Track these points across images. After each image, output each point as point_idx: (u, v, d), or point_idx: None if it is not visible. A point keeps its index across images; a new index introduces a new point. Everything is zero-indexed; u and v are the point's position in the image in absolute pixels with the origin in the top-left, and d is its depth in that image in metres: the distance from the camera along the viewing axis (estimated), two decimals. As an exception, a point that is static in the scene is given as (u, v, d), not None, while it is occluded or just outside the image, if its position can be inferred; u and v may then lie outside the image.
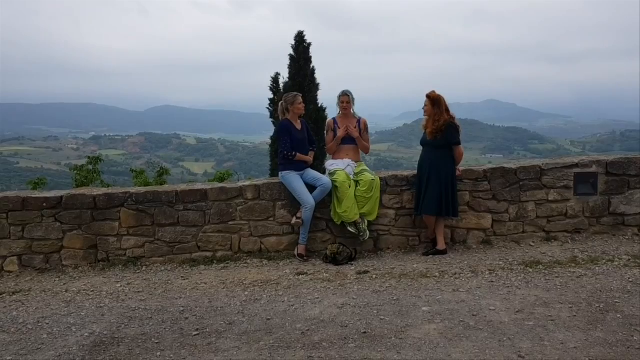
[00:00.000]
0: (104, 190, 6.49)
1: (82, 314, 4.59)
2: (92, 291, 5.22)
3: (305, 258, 5.99)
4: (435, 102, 5.92)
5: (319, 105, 18.57)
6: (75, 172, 12.67)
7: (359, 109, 6.50)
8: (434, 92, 5.97)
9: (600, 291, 4.61)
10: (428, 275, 5.24)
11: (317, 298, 4.72)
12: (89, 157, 13.04)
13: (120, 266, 5.98)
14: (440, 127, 5.87)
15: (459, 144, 5.96)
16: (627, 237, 6.30)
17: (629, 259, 5.48)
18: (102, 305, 4.80)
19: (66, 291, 5.26)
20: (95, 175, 12.43)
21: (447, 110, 5.97)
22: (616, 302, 4.35)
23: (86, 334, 4.13)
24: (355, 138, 6.33)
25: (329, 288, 5.00)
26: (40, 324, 4.37)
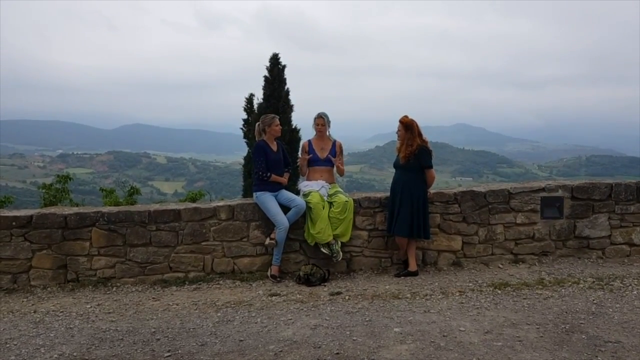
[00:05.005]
0: (75, 209, 6.42)
1: (51, 335, 4.51)
2: (61, 312, 5.13)
3: (278, 279, 6.01)
4: (407, 127, 6.06)
5: (293, 127, 18.68)
6: (44, 190, 12.40)
7: (331, 131, 6.60)
8: (406, 117, 6.11)
9: (566, 312, 4.74)
10: (400, 297, 5.30)
11: (290, 319, 4.74)
12: (58, 176, 12.76)
13: (90, 287, 5.90)
14: (413, 151, 6.01)
15: (431, 167, 6.10)
16: (591, 260, 6.49)
17: (594, 281, 5.65)
18: (71, 326, 4.73)
19: (34, 312, 5.16)
20: (64, 194, 12.17)
21: (420, 135, 6.11)
22: (581, 323, 4.48)
23: (55, 356, 4.06)
24: (324, 159, 6.41)
25: (302, 309, 5.02)
26: (8, 345, 4.27)
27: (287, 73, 19.69)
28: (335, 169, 6.53)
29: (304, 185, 6.39)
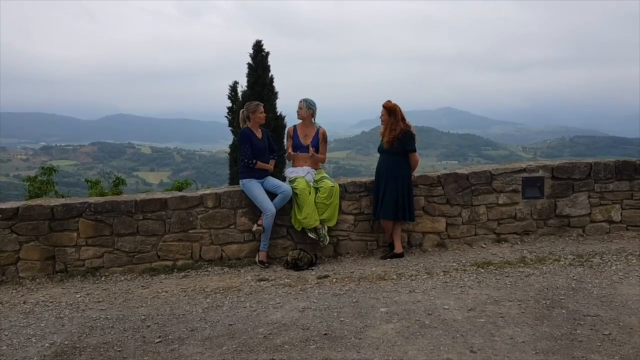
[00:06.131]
0: (62, 200, 6.42)
1: (42, 324, 4.55)
2: (51, 302, 5.16)
3: (266, 264, 6.08)
4: (391, 111, 6.14)
5: (278, 114, 18.68)
6: (28, 183, 12.35)
7: (318, 117, 6.63)
8: (389, 102, 6.18)
9: (547, 289, 4.87)
10: (386, 278, 5.41)
11: (279, 303, 4.82)
12: (42, 168, 12.72)
13: (79, 277, 5.92)
14: (397, 135, 6.09)
15: (415, 151, 6.18)
16: (572, 238, 6.64)
17: (574, 258, 5.80)
18: (62, 315, 4.77)
19: (24, 303, 5.19)
20: (49, 186, 12.14)
21: (403, 119, 6.19)
22: (561, 298, 4.62)
23: (47, 345, 4.11)
24: (307, 146, 6.43)
25: (290, 293, 5.10)
26: (-2, 336, 4.32)
27: (272, 60, 19.67)
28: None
29: (290, 171, 6.45)
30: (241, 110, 6.40)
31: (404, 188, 6.10)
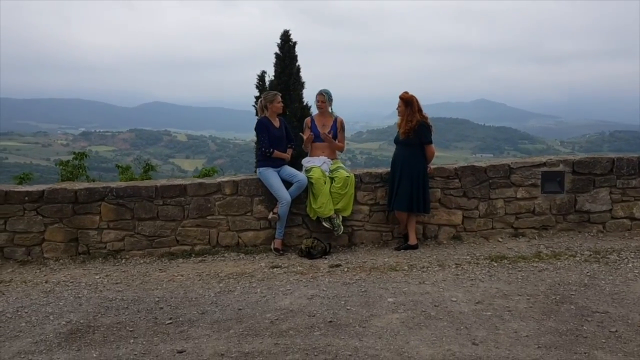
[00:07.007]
0: (85, 184, 6.63)
1: (61, 303, 4.74)
2: (71, 282, 5.37)
3: (281, 252, 6.17)
4: (407, 102, 6.12)
5: (304, 104, 18.73)
6: (61, 167, 12.74)
7: (349, 108, 6.68)
8: (406, 93, 6.17)
9: (559, 284, 4.83)
10: (397, 269, 5.44)
11: (289, 289, 4.91)
12: (74, 153, 13.09)
13: (100, 259, 6.13)
14: (413, 126, 6.07)
15: (431, 142, 6.16)
16: (591, 234, 6.53)
17: (590, 254, 5.71)
18: (80, 295, 4.96)
19: (46, 282, 5.41)
20: (80, 170, 12.49)
21: (420, 111, 6.17)
22: (572, 294, 4.57)
23: (63, 322, 4.29)
24: (325, 140, 6.47)
25: (301, 280, 5.18)
26: (19, 313, 4.52)
27: (305, 50, 19.70)
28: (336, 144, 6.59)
29: (306, 161, 6.51)
30: (259, 100, 6.50)
31: (419, 180, 6.09)
